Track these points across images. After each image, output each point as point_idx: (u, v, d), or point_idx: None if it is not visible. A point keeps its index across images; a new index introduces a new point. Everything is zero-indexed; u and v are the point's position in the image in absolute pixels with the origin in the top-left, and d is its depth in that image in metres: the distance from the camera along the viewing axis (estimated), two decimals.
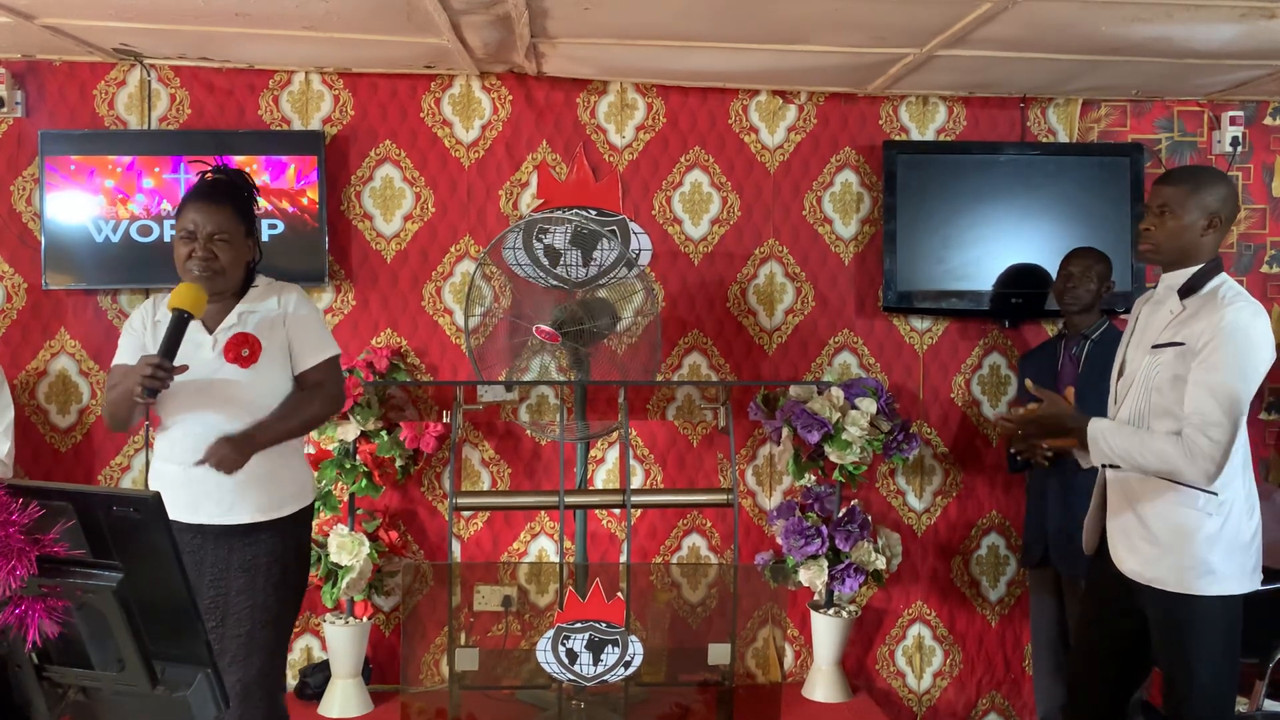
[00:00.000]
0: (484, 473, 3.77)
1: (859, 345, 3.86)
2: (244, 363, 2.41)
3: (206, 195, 2.44)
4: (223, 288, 2.44)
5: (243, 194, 2.49)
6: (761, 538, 3.82)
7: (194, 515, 2.39)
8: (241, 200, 2.47)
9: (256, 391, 2.43)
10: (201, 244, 2.39)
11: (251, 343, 2.42)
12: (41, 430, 3.62)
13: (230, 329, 2.44)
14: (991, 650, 3.91)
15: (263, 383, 2.43)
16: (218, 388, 2.40)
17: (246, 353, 2.41)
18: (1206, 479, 2.22)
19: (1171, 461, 2.22)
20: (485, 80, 3.72)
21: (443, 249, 3.72)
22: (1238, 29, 2.94)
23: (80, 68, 3.59)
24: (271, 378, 2.45)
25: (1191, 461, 2.20)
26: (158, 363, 2.23)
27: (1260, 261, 3.94)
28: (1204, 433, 2.19)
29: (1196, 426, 2.20)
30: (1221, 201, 2.35)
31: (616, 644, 3.06)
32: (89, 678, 1.42)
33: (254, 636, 2.39)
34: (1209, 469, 2.20)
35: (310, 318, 2.54)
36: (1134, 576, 2.36)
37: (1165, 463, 2.24)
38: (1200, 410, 2.21)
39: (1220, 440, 2.19)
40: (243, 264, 2.47)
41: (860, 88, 3.76)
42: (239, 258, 2.45)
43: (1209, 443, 2.19)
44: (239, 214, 2.44)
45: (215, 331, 2.44)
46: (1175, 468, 2.23)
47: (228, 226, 2.40)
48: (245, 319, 2.46)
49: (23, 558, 1.32)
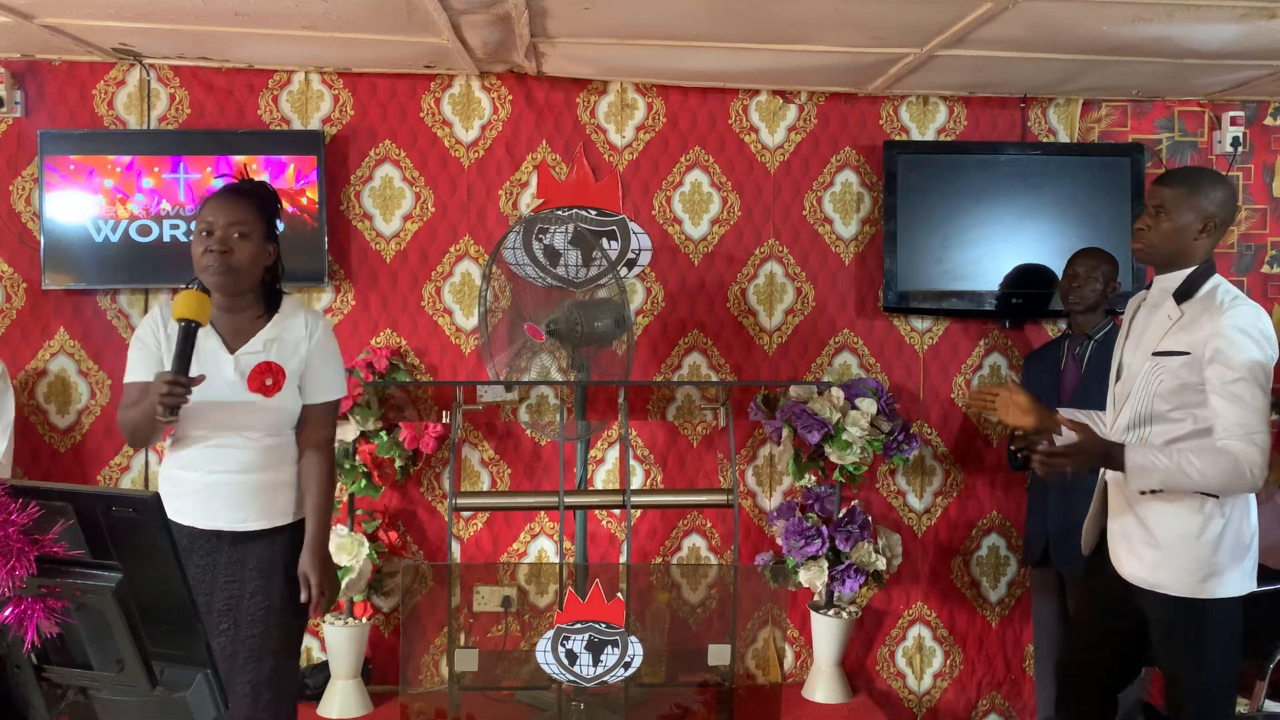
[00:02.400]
0: (484, 473, 3.76)
1: (859, 345, 3.86)
2: (267, 392, 2.38)
3: (226, 191, 2.41)
4: (237, 288, 2.37)
5: (265, 197, 2.45)
6: (761, 538, 3.82)
7: (210, 522, 2.38)
8: (262, 200, 2.43)
9: (276, 413, 2.41)
10: (218, 237, 2.32)
11: (275, 372, 2.39)
12: (40, 430, 3.62)
13: (255, 355, 2.39)
14: (992, 651, 3.91)
15: (282, 405, 2.42)
16: (238, 409, 2.37)
17: (270, 383, 2.38)
18: (1256, 486, 2.21)
19: (1223, 477, 2.19)
20: (485, 80, 3.72)
21: (442, 249, 3.72)
22: (1238, 29, 2.94)
23: (80, 67, 3.59)
24: (291, 400, 2.44)
25: (1249, 472, 2.18)
26: (173, 379, 2.18)
27: (1260, 262, 3.94)
28: (1251, 441, 2.18)
29: (1242, 437, 2.19)
30: (1218, 205, 2.35)
31: (616, 645, 3.06)
32: (88, 678, 1.42)
33: (267, 638, 2.38)
34: (1262, 475, 2.20)
35: (333, 354, 2.52)
36: (1135, 581, 2.36)
37: (1217, 479, 2.20)
38: (1239, 420, 2.19)
39: (1264, 445, 2.19)
40: (260, 268, 2.40)
41: (860, 88, 3.76)
42: (256, 257, 2.37)
43: (1259, 450, 2.18)
44: (260, 211, 2.39)
45: (237, 352, 2.39)
46: (1231, 483, 2.20)
47: (246, 219, 2.35)
48: (270, 347, 2.41)
49: (22, 558, 1.32)
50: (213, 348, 2.37)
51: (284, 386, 2.40)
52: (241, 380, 2.37)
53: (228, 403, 2.37)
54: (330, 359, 2.51)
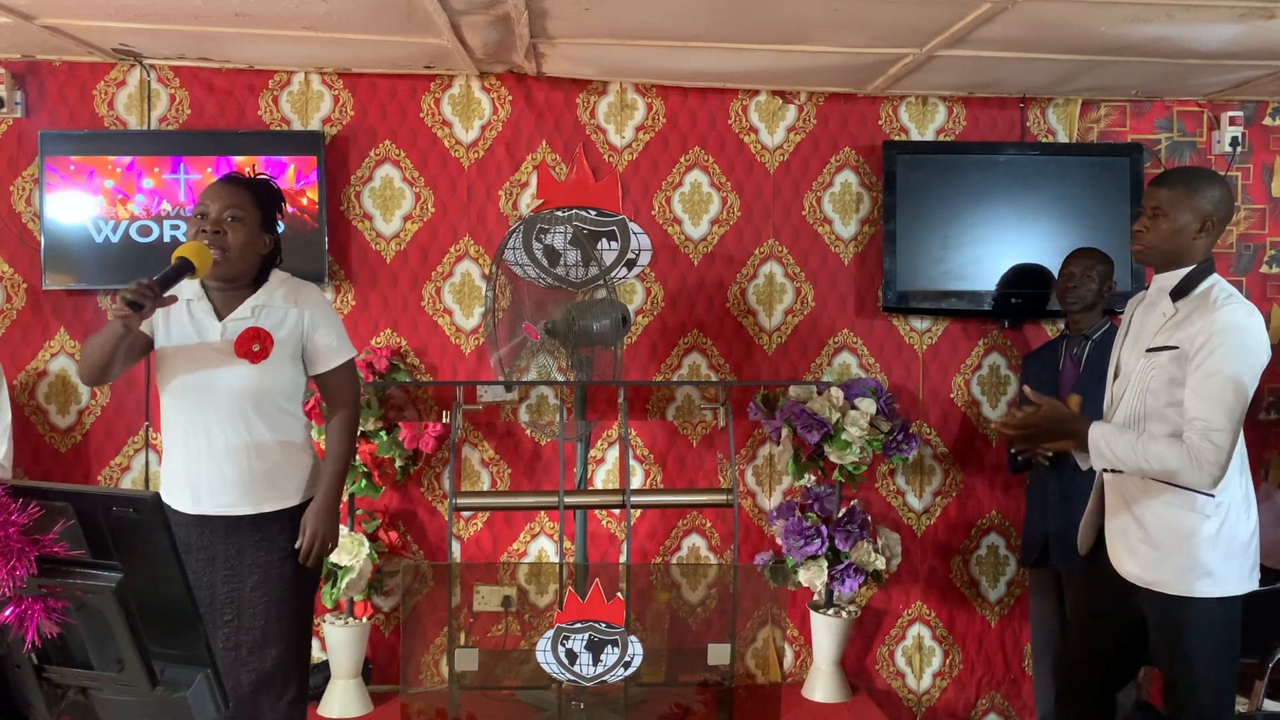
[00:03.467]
0: (484, 473, 3.77)
1: (859, 345, 3.86)
2: (254, 358, 2.38)
3: (223, 179, 2.45)
4: (229, 273, 2.39)
5: (264, 188, 2.46)
6: (761, 538, 3.82)
7: (197, 506, 2.38)
8: (260, 190, 2.45)
9: (264, 386, 2.41)
10: (212, 219, 2.35)
11: (263, 338, 2.39)
12: (41, 430, 3.62)
13: (242, 321, 2.40)
14: (991, 650, 3.91)
15: (271, 377, 2.42)
16: (225, 380, 2.38)
17: (257, 348, 2.39)
18: (1211, 483, 2.21)
19: (1174, 466, 2.21)
20: (485, 80, 3.72)
21: (442, 249, 3.72)
22: (1237, 29, 2.94)
23: (80, 68, 3.59)
24: (280, 373, 2.43)
25: (1197, 467, 2.19)
26: (145, 281, 2.16)
27: (1259, 262, 3.94)
28: (1207, 438, 2.18)
29: (1199, 431, 2.19)
30: (1215, 204, 2.35)
31: (616, 644, 3.06)
32: (88, 678, 1.42)
33: (269, 629, 2.39)
34: (1214, 473, 2.19)
35: (330, 320, 2.52)
36: (1133, 579, 2.36)
37: (1168, 467, 2.22)
38: (1202, 415, 2.20)
39: (1223, 445, 2.18)
40: (255, 254, 2.42)
41: (860, 88, 3.76)
42: (250, 244, 2.39)
43: (1213, 447, 2.18)
44: (256, 200, 2.41)
45: (225, 320, 2.40)
46: (1178, 472, 2.22)
47: (241, 204, 2.37)
48: (258, 313, 2.42)
49: (22, 558, 1.32)
50: (203, 313, 2.40)
51: (271, 354, 2.40)
52: (228, 346, 2.38)
53: (213, 371, 2.37)
54: (330, 326, 2.51)
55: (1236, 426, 2.21)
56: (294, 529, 2.44)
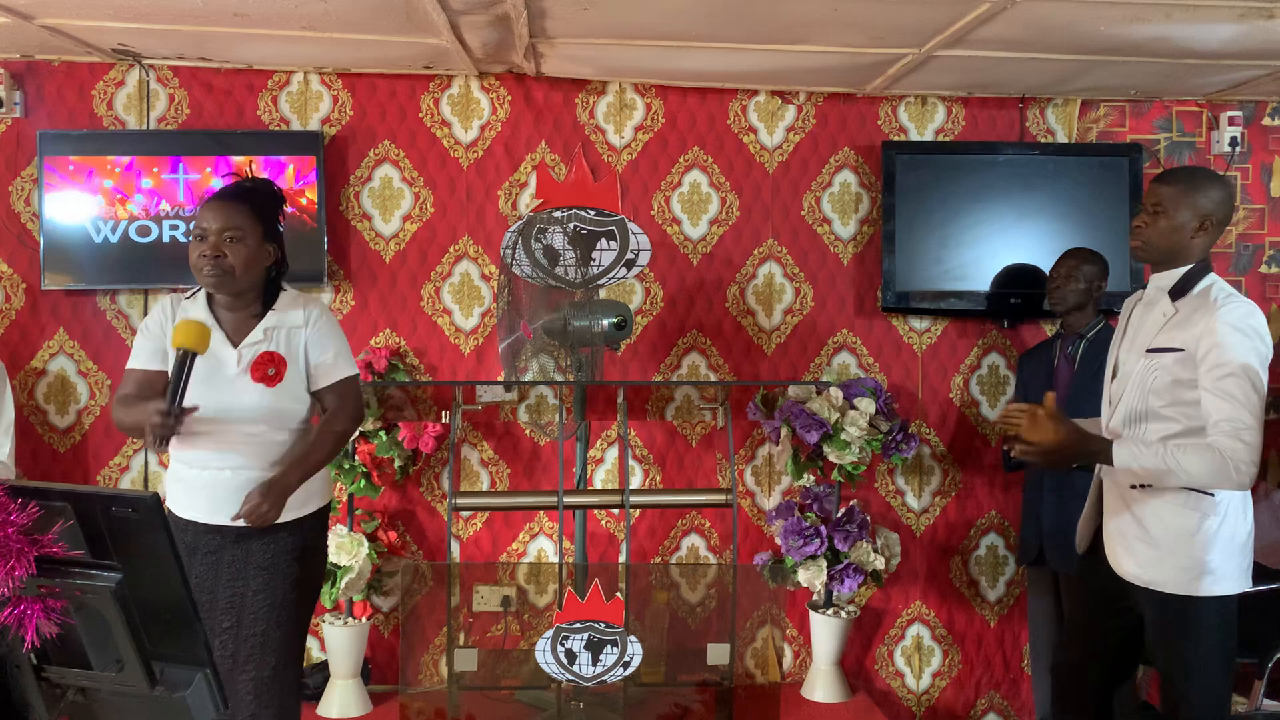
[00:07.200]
0: (483, 473, 3.77)
1: (858, 345, 3.86)
2: (270, 381, 2.39)
3: (220, 195, 2.42)
4: (234, 289, 2.39)
5: (262, 197, 2.45)
6: (760, 538, 3.82)
7: (213, 517, 2.38)
8: (259, 201, 2.43)
9: (281, 407, 2.42)
10: (211, 243, 2.34)
11: (278, 361, 2.40)
12: (40, 430, 3.62)
13: (256, 345, 2.40)
14: (990, 650, 3.91)
15: (287, 399, 2.42)
16: (243, 404, 2.38)
17: (273, 372, 2.39)
18: (1248, 482, 2.20)
19: (1210, 474, 2.19)
20: (484, 80, 3.72)
21: (442, 249, 3.72)
22: (1236, 29, 2.94)
23: (79, 68, 3.59)
24: (293, 390, 2.44)
25: (1234, 470, 2.17)
26: (166, 411, 2.19)
27: (1259, 261, 3.94)
28: (1238, 437, 2.17)
29: (1228, 433, 2.17)
30: (1215, 204, 2.35)
31: (615, 644, 3.06)
32: (88, 678, 1.42)
33: (269, 635, 2.39)
34: (1251, 471, 2.18)
35: (333, 336, 2.50)
36: (1131, 579, 2.36)
37: (1203, 476, 2.20)
38: (1227, 415, 2.18)
39: (1254, 442, 2.18)
40: (259, 268, 2.41)
41: (859, 88, 3.76)
42: (253, 259, 2.38)
43: (1245, 446, 2.17)
44: (256, 214, 2.39)
45: (240, 346, 2.40)
46: (1218, 479, 2.19)
47: (240, 224, 2.36)
48: (271, 335, 2.42)
49: (21, 558, 1.32)
50: (217, 342, 2.39)
51: (285, 376, 2.41)
52: (245, 372, 2.39)
53: (232, 395, 2.38)
54: (332, 342, 2.49)
55: (1261, 421, 2.20)
56: (301, 538, 2.45)
